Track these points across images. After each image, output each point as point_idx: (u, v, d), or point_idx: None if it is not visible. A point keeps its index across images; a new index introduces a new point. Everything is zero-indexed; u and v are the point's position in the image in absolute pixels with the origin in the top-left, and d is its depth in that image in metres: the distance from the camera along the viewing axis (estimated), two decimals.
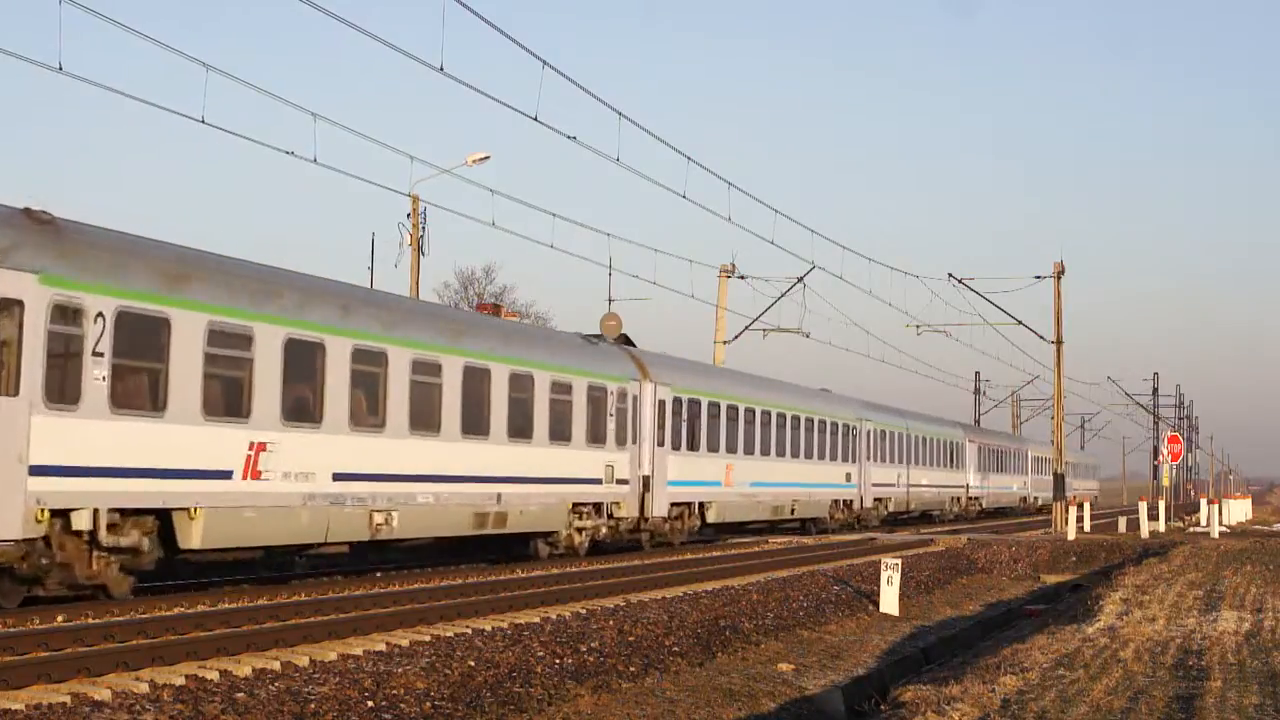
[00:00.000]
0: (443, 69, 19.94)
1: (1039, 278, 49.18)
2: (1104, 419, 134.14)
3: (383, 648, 14.01)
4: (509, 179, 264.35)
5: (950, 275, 49.06)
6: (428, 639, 14.62)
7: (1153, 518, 48.74)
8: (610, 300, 43.95)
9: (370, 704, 11.73)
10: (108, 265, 16.57)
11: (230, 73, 21.64)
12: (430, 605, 17.20)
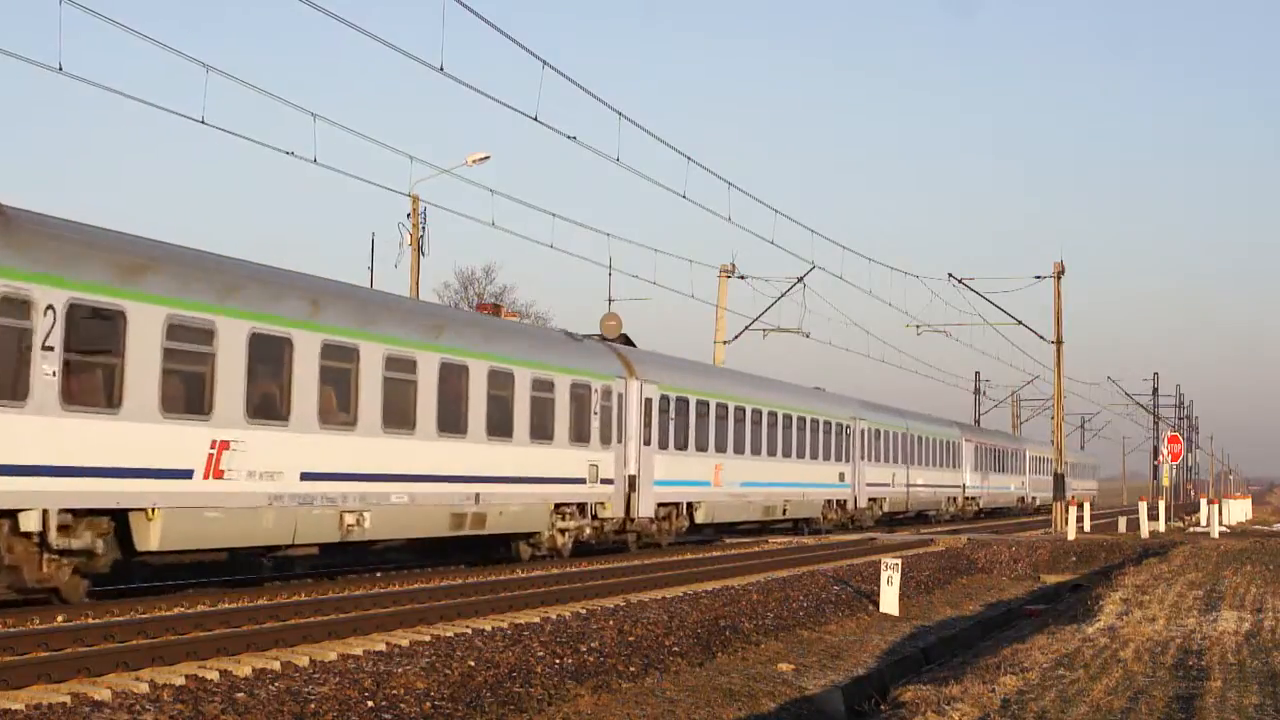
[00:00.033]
0: (443, 69, 19.97)
1: (1039, 278, 49.22)
2: (1104, 419, 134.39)
3: (383, 648, 14.02)
4: (509, 179, 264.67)
5: (950, 275, 49.14)
6: (428, 639, 14.62)
7: (1153, 518, 48.73)
8: (610, 300, 44.02)
9: (370, 704, 11.73)
10: (59, 256, 15.96)
11: (230, 73, 21.70)
12: (430, 605, 17.20)
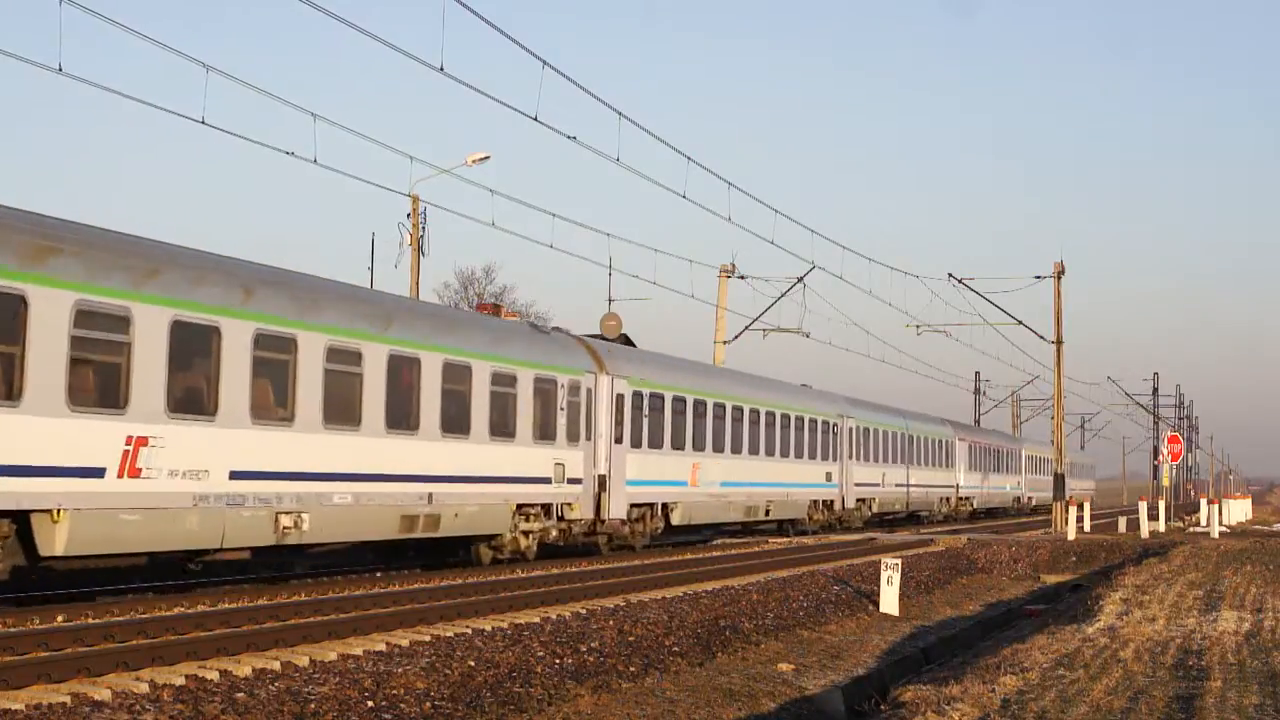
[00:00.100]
0: (443, 69, 19.96)
1: (1039, 278, 49.24)
2: (1104, 419, 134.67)
3: (383, 648, 14.02)
4: (509, 179, 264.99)
5: (950, 275, 49.15)
6: (428, 639, 14.62)
7: (1153, 518, 48.75)
8: (610, 300, 43.96)
9: (370, 704, 11.73)
10: None
11: (230, 73, 21.67)
12: (430, 605, 17.19)
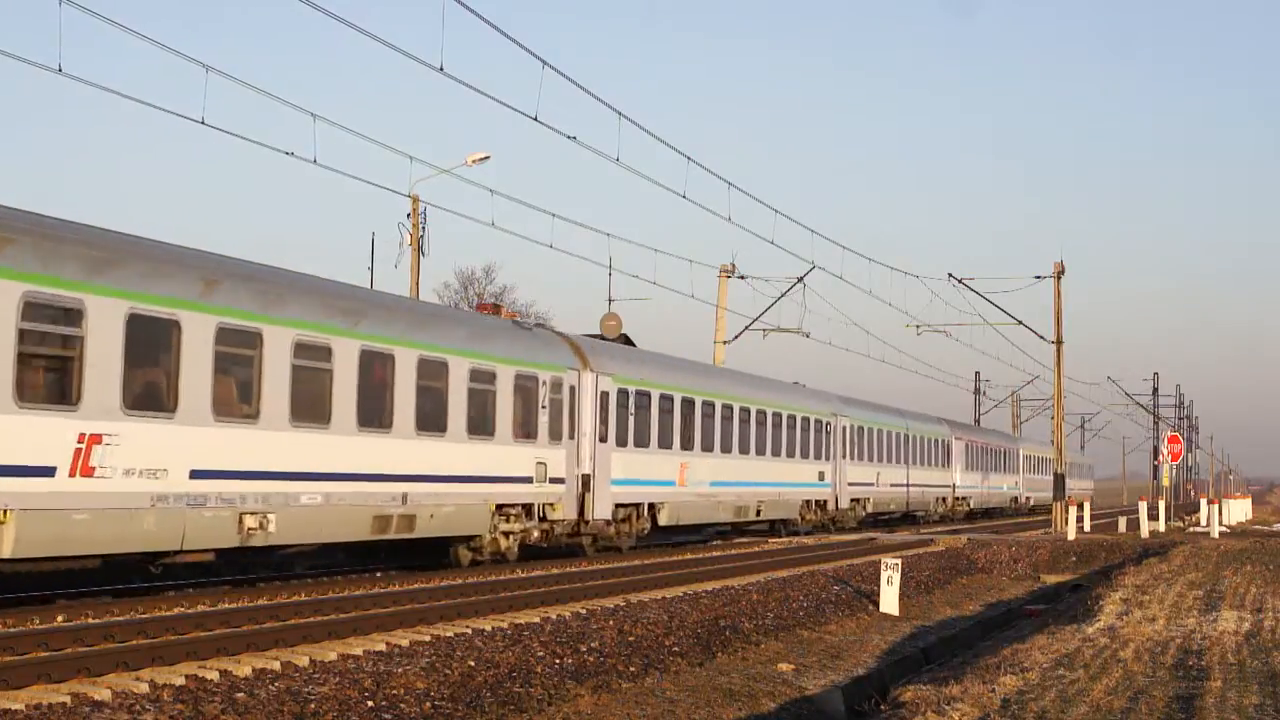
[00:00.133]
0: (443, 69, 19.96)
1: (1039, 278, 49.25)
2: (1104, 419, 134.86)
3: (383, 648, 14.02)
4: (509, 179, 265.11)
5: (950, 275, 49.16)
6: (428, 639, 14.62)
7: (1153, 518, 48.77)
8: (610, 300, 43.95)
9: (370, 704, 11.73)
10: None
11: (230, 73, 21.67)
12: (430, 605, 17.19)
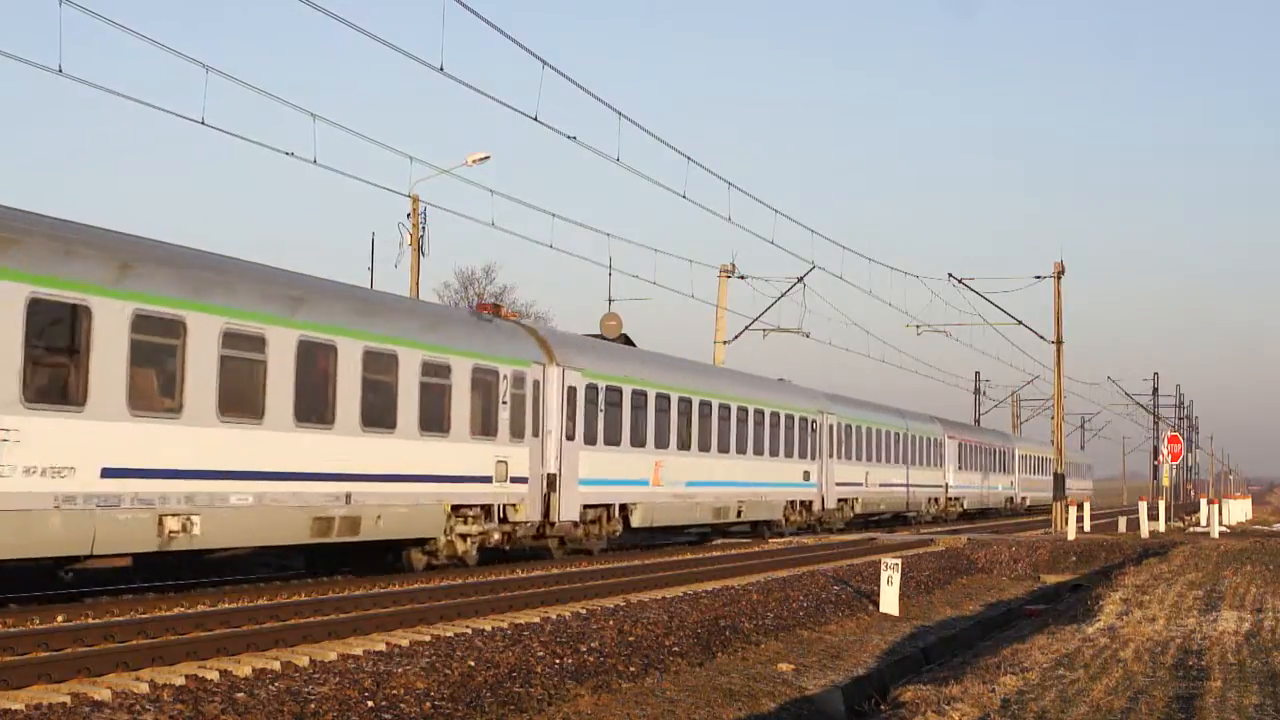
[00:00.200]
0: (443, 69, 19.96)
1: (1039, 278, 49.26)
2: (1104, 419, 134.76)
3: (383, 648, 14.02)
4: (509, 179, 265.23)
5: (950, 275, 49.17)
6: (428, 639, 14.62)
7: (1153, 518, 48.75)
8: (610, 300, 43.96)
9: (370, 704, 11.73)
10: None
11: (230, 73, 21.65)
12: (430, 605, 17.19)
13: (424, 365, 22.18)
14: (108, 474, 16.32)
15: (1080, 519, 43.70)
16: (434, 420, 22.41)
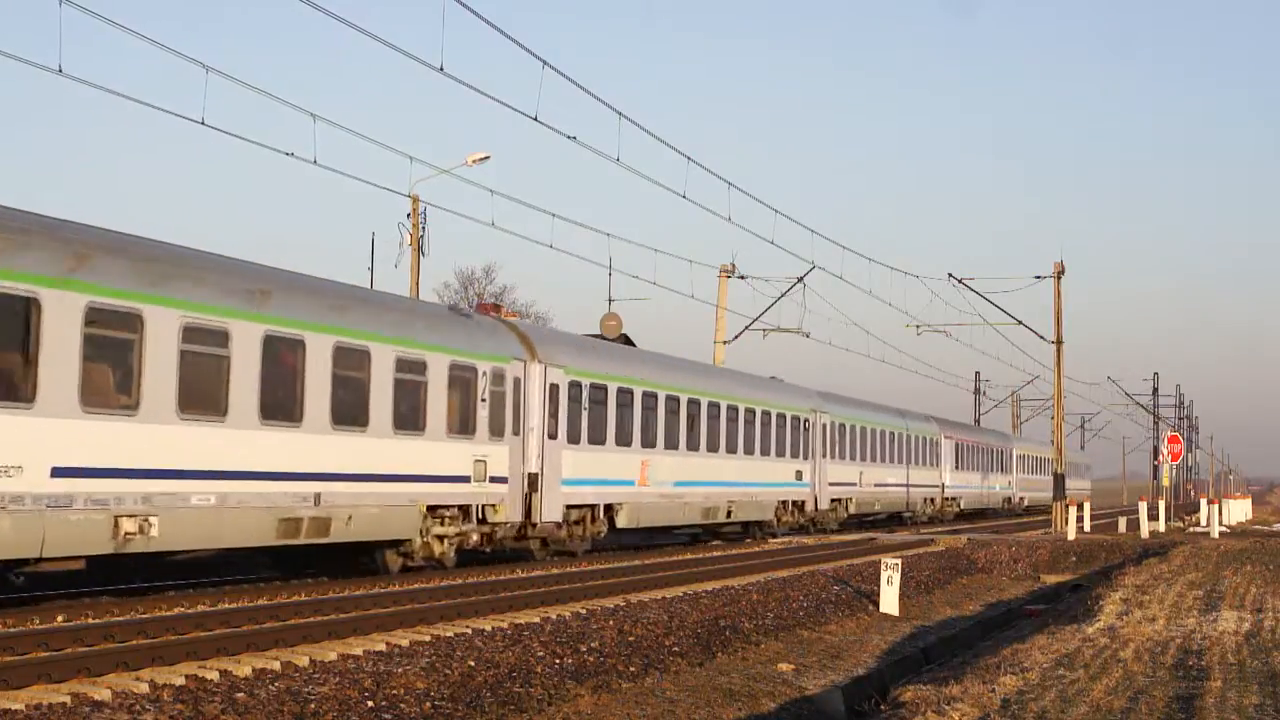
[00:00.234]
0: (443, 69, 19.96)
1: (1039, 278, 49.29)
2: (1104, 419, 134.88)
3: (383, 648, 14.02)
4: (509, 179, 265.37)
5: (950, 275, 49.21)
6: (428, 639, 14.63)
7: (1153, 518, 48.78)
8: (610, 300, 43.99)
9: (370, 704, 11.73)
10: None
11: (230, 73, 21.58)
12: (430, 605, 17.19)
13: (398, 361, 21.56)
14: (59, 473, 15.72)
15: (1080, 519, 43.72)
16: (408, 418, 21.80)
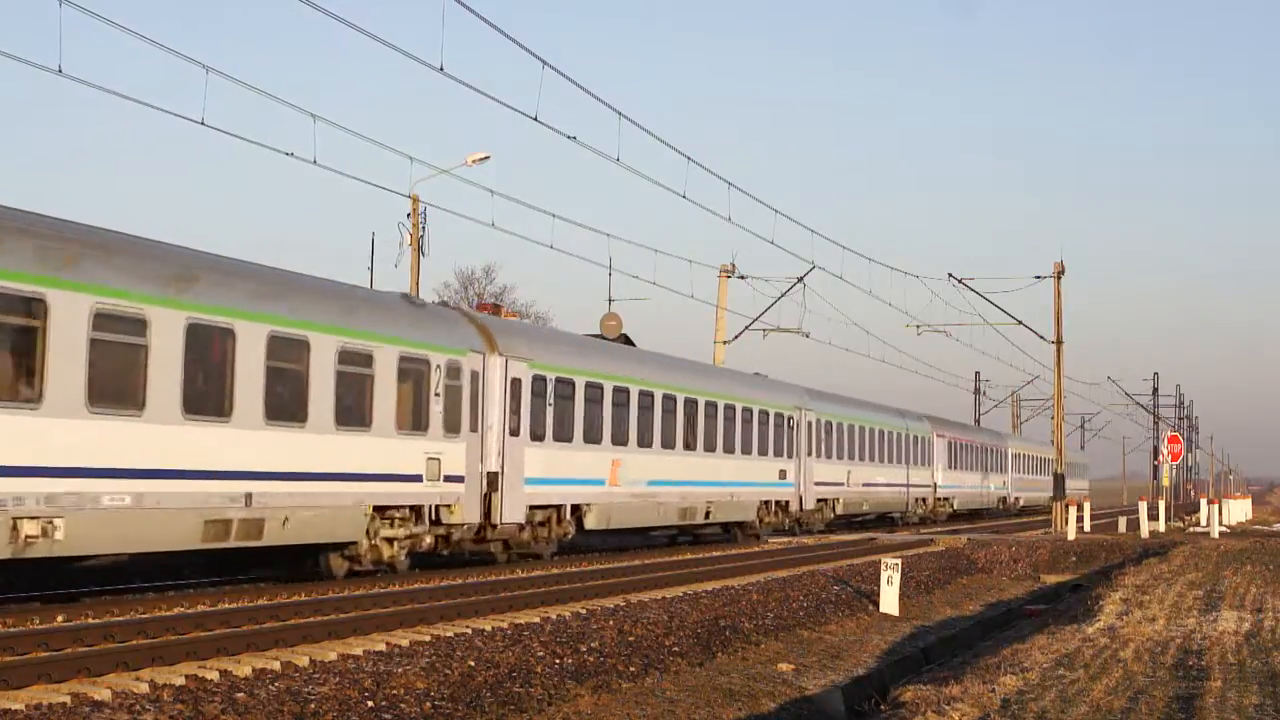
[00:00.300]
0: (443, 69, 19.96)
1: (1039, 278, 49.33)
2: (1104, 419, 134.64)
3: (383, 648, 14.02)
4: (509, 179, 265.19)
5: (950, 275, 49.25)
6: (428, 639, 14.63)
7: (1153, 518, 48.79)
8: (610, 300, 44.00)
9: (370, 704, 11.74)
10: None
11: (230, 74, 21.52)
12: (430, 605, 17.19)
13: (341, 353, 20.14)
14: None
15: (1080, 519, 43.74)
16: (353, 413, 20.39)
